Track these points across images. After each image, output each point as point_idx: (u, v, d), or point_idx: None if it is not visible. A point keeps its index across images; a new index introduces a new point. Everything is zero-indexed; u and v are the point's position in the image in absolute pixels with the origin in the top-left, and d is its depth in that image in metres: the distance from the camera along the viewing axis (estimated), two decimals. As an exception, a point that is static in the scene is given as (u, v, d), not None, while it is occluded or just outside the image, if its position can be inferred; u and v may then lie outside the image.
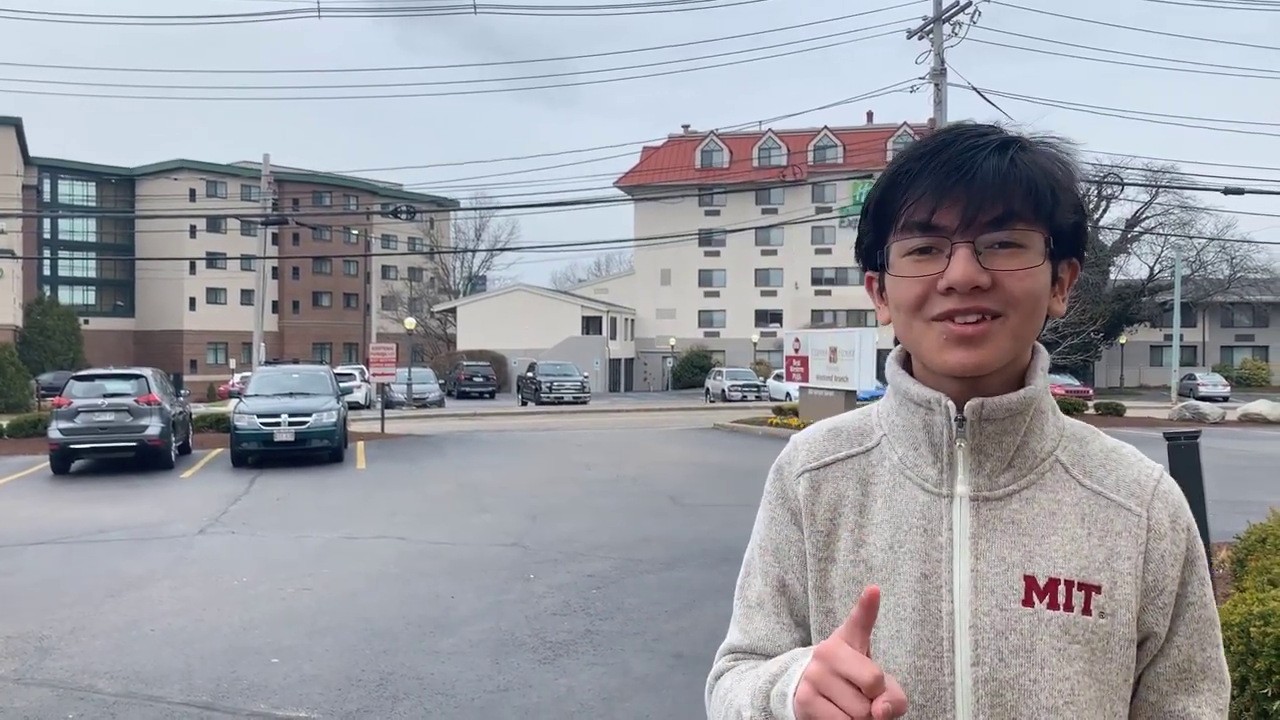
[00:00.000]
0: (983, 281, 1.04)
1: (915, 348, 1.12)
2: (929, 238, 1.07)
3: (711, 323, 67.26)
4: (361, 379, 38.29)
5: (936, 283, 1.06)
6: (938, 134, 1.11)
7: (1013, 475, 1.12)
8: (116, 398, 17.07)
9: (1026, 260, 1.06)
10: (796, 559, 1.20)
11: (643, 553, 9.43)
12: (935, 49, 23.27)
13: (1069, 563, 1.09)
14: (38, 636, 6.76)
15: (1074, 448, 1.15)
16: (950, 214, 1.05)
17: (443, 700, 5.44)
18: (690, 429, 26.53)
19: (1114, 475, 1.14)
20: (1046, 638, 1.07)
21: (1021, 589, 1.08)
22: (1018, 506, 1.11)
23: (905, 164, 1.09)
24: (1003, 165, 1.05)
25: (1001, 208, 1.05)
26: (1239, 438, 23.15)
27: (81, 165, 77.35)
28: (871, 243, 1.15)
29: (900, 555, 1.12)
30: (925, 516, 1.12)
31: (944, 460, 1.12)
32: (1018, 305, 1.06)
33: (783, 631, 1.20)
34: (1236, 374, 58.88)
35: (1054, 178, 1.08)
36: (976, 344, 1.06)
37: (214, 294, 77.30)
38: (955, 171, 1.05)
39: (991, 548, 1.10)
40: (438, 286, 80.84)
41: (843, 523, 1.17)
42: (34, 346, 55.15)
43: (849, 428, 1.23)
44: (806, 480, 1.20)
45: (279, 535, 10.72)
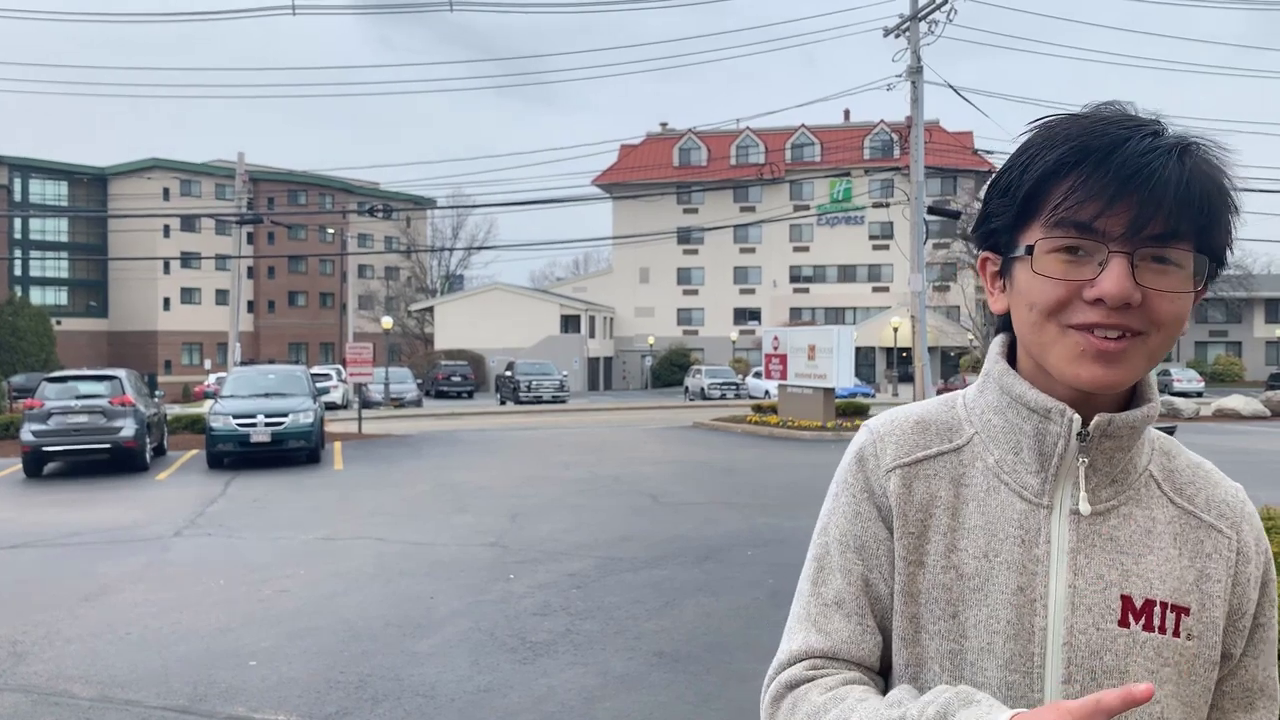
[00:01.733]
0: (1135, 298, 0.98)
1: (1041, 351, 1.05)
2: (1085, 240, 0.99)
3: (690, 321, 67.31)
4: (338, 379, 38.09)
5: (1083, 290, 0.99)
6: (1105, 122, 1.02)
7: (1114, 490, 1.09)
8: (90, 399, 16.90)
9: (1180, 282, 1.00)
10: (885, 559, 1.12)
11: (623, 551, 9.42)
12: (912, 47, 23.36)
13: (1164, 584, 1.06)
14: (11, 641, 6.68)
15: (1163, 462, 1.13)
16: (1117, 221, 0.98)
17: (422, 701, 5.40)
18: (670, 427, 26.54)
19: (1204, 494, 1.12)
20: (1140, 660, 1.04)
21: (1118, 608, 1.05)
22: (1116, 523, 1.08)
23: (1071, 154, 1.00)
24: (1182, 177, 0.98)
25: (1170, 223, 0.98)
26: (1213, 432, 23.40)
27: (53, 164, 76.52)
28: (1004, 225, 1.07)
29: (995, 564, 1.07)
30: (1023, 527, 1.08)
31: (1050, 470, 1.07)
32: (1161, 326, 1.00)
33: (866, 635, 1.12)
34: (1210, 370, 59.45)
35: (1226, 195, 1.02)
36: (1115, 362, 1.00)
37: (188, 294, 76.70)
38: (1133, 177, 0.97)
39: (1090, 564, 1.06)
40: (415, 285, 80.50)
41: (934, 525, 1.11)
42: (5, 348, 54.53)
43: (937, 421, 1.16)
44: (898, 477, 1.13)
45: (256, 537, 10.63)
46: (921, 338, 23.63)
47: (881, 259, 62.43)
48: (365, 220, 76.75)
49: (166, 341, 75.36)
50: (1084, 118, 1.03)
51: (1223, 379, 58.52)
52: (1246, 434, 23.52)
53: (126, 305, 77.00)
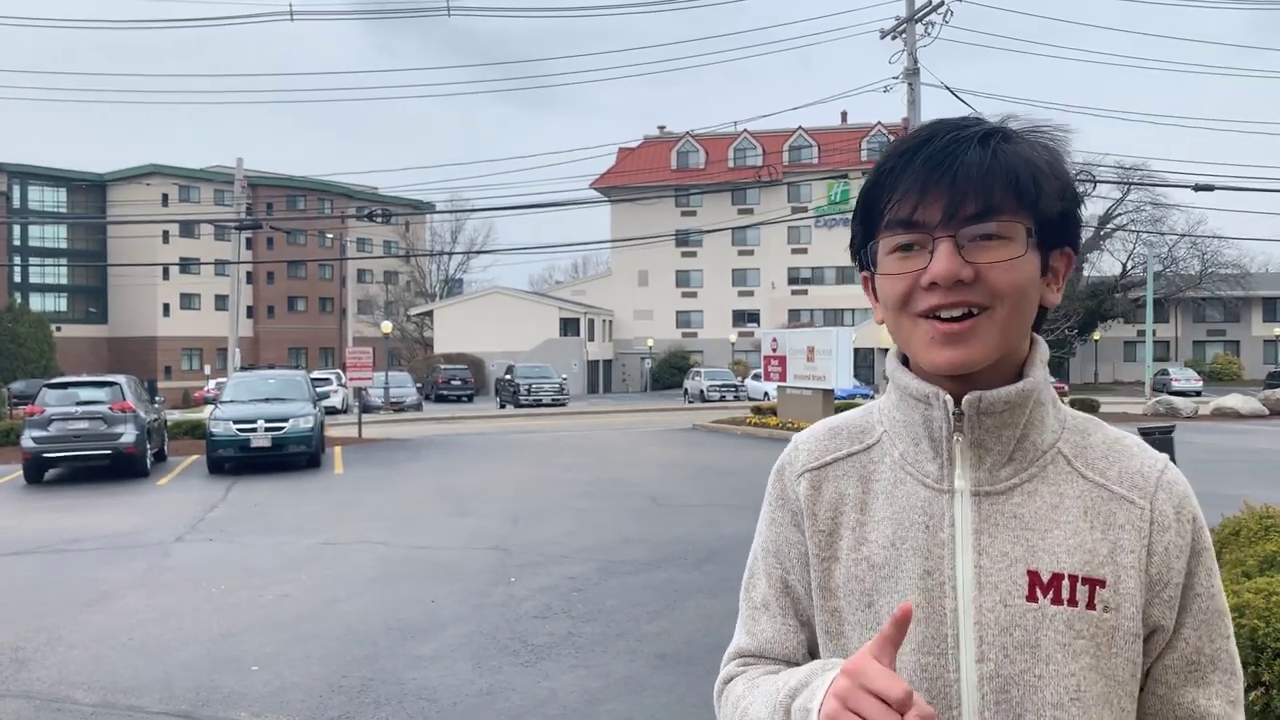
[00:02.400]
0: (965, 275, 1.04)
1: (906, 345, 1.12)
2: (912, 234, 1.07)
3: (689, 323, 67.31)
4: (338, 383, 38.12)
5: (920, 278, 1.06)
6: (920, 130, 1.10)
7: (1014, 469, 1.11)
8: (90, 405, 16.90)
9: (1010, 252, 1.05)
10: (797, 560, 1.20)
11: (624, 554, 9.43)
12: (908, 49, 23.39)
13: (1072, 557, 1.08)
14: (13, 648, 6.69)
15: (1076, 439, 1.14)
16: (932, 209, 1.05)
17: (424, 705, 5.42)
18: (670, 429, 26.55)
19: (1116, 467, 1.12)
20: (1051, 633, 1.06)
21: (1025, 584, 1.07)
22: (1020, 500, 1.10)
23: (888, 162, 1.09)
24: (985, 157, 1.04)
25: (983, 201, 1.04)
26: (1212, 432, 23.42)
27: (52, 171, 76.53)
28: (861, 242, 1.15)
29: (903, 552, 1.11)
30: (927, 512, 1.12)
31: (944, 455, 1.11)
32: (1003, 297, 1.05)
33: (789, 633, 1.20)
34: (1209, 369, 59.47)
35: (1037, 166, 1.07)
36: (963, 341, 1.05)
37: (188, 300, 76.70)
38: (937, 167, 1.05)
39: (994, 543, 1.09)
40: (414, 290, 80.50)
41: (844, 521, 1.17)
42: (5, 354, 54.54)
43: (849, 426, 1.23)
44: (807, 480, 1.20)
45: (257, 542, 10.64)
46: (920, 339, 23.59)
47: (880, 260, 62.33)
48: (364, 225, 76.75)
49: (166, 347, 75.33)
50: (911, 133, 1.12)
51: (1221, 378, 58.55)
52: (1245, 433, 23.54)
53: (126, 311, 76.98)
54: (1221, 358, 62.41)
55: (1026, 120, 1.13)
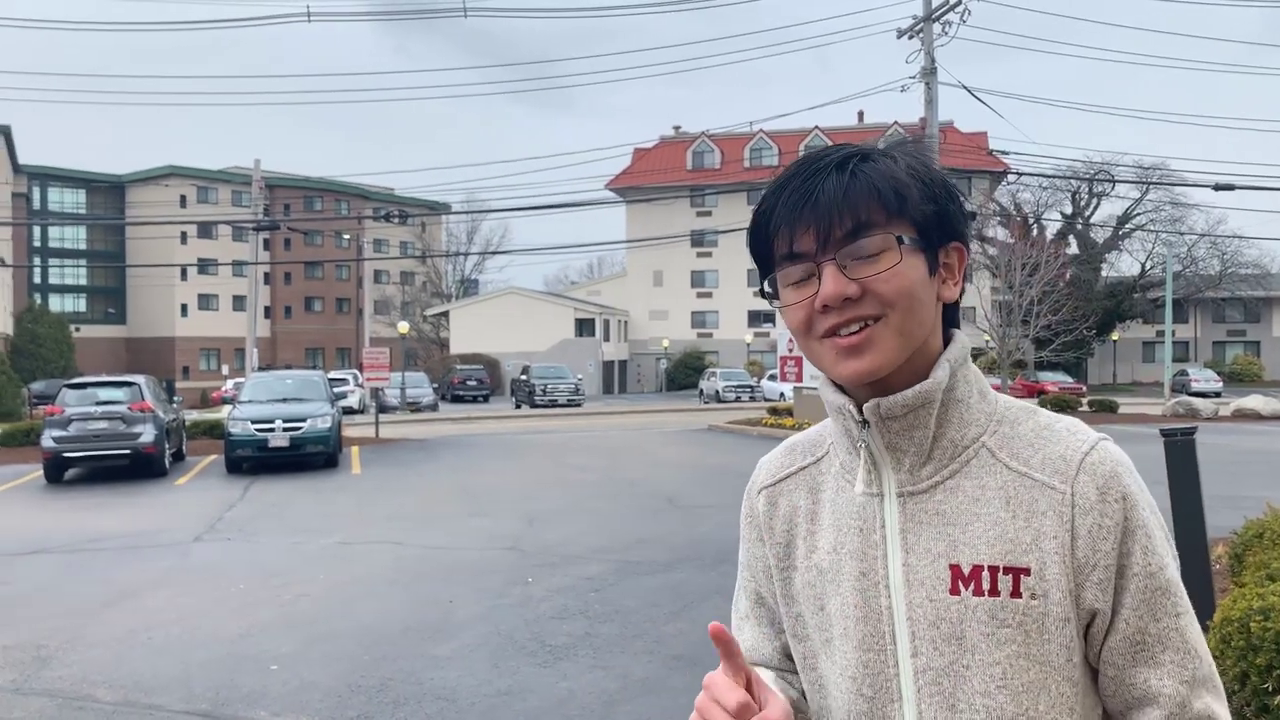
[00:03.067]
0: (851, 292, 1.09)
1: (818, 365, 1.17)
2: (799, 265, 1.12)
3: (705, 323, 67.26)
4: (355, 384, 38.26)
5: (814, 303, 1.11)
6: (787, 168, 1.16)
7: (934, 467, 1.14)
8: (109, 405, 17.02)
9: (888, 261, 1.09)
10: (763, 573, 1.28)
11: (640, 554, 9.43)
12: (925, 48, 23.31)
13: (993, 548, 1.10)
14: (35, 646, 6.74)
15: (1004, 431, 1.15)
16: (807, 239, 1.10)
17: (443, 705, 5.43)
18: (685, 430, 26.54)
19: (1040, 454, 1.12)
20: (975, 624, 1.09)
21: (948, 578, 1.10)
22: (942, 497, 1.13)
23: (762, 204, 1.15)
24: (843, 181, 1.10)
25: (851, 220, 1.09)
26: (1233, 433, 23.23)
27: (71, 172, 77.13)
28: (765, 278, 1.19)
29: (842, 555, 1.17)
30: (861, 516, 1.17)
31: (866, 461, 1.17)
32: (893, 304, 1.09)
33: (765, 640, 1.29)
34: (1229, 369, 59.01)
35: (894, 177, 1.11)
36: (862, 351, 1.10)
37: (206, 300, 77.12)
38: (802, 199, 1.10)
39: (919, 540, 1.13)
40: (430, 290, 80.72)
41: (798, 532, 1.24)
42: (25, 355, 54.97)
43: (805, 441, 1.30)
44: (764, 498, 1.29)
45: (275, 541, 10.69)
46: (937, 339, 23.52)
47: (896, 260, 62.14)
48: (381, 226, 77.14)
49: (184, 347, 75.77)
50: (780, 173, 1.16)
51: (1241, 379, 58.09)
52: (1266, 434, 23.34)
53: (144, 312, 77.48)
54: (1242, 358, 61.94)
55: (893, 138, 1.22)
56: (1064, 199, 54.06)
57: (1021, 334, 29.54)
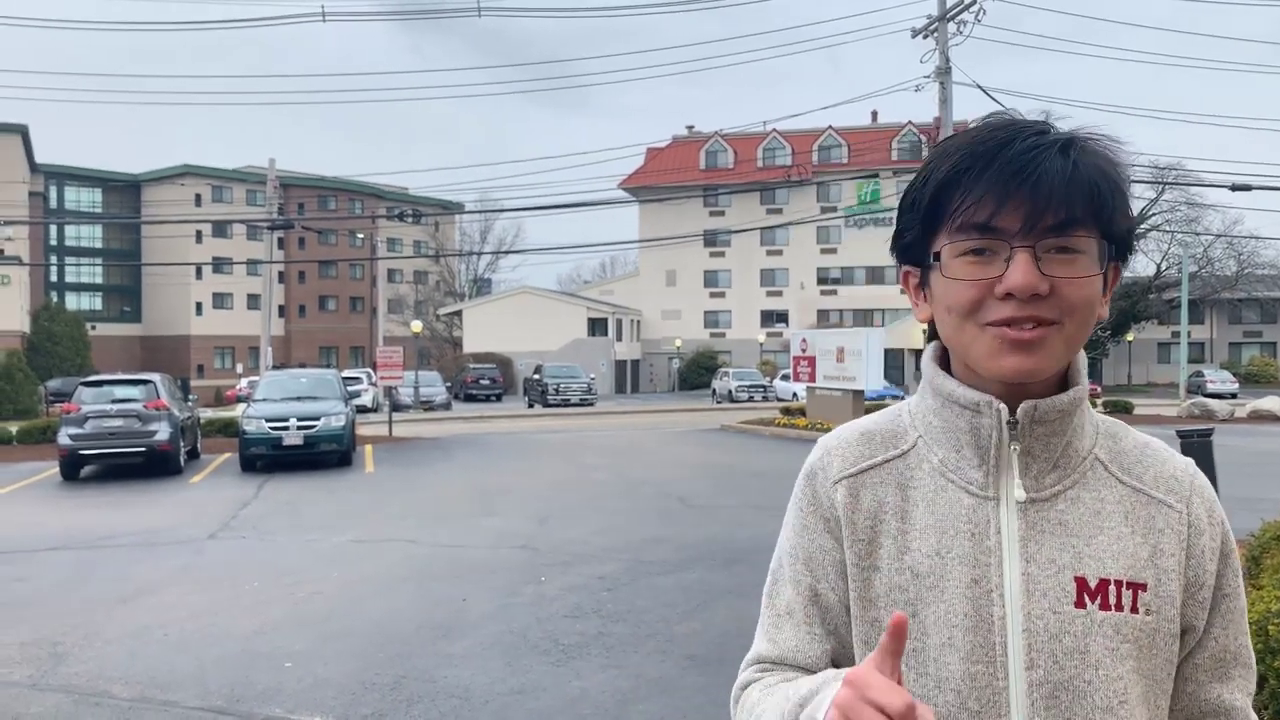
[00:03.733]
0: (1042, 289, 1.03)
1: (964, 351, 1.10)
2: (987, 240, 1.04)
3: (717, 323, 67.20)
4: (369, 382, 38.37)
5: (994, 287, 1.04)
6: (994, 128, 1.08)
7: (1058, 475, 1.12)
8: (125, 403, 17.11)
9: (1084, 267, 1.05)
10: (832, 569, 1.17)
11: (653, 554, 9.43)
12: (940, 48, 23.24)
13: (1117, 562, 1.09)
14: (51, 642, 6.78)
15: (1109, 444, 1.15)
16: (1012, 217, 1.03)
17: (457, 703, 5.44)
18: (697, 430, 26.52)
19: (1151, 471, 1.14)
20: (1100, 638, 1.07)
21: (1073, 591, 1.08)
22: (1064, 507, 1.11)
23: (962, 160, 1.06)
24: (1066, 168, 1.03)
25: (1064, 213, 1.03)
26: (1249, 434, 23.08)
27: (87, 171, 77.55)
28: (916, 239, 1.12)
29: (948, 560, 1.11)
30: (972, 520, 1.11)
31: (990, 463, 1.11)
32: (1074, 313, 1.05)
33: (812, 642, 1.18)
34: (1245, 370, 58.64)
35: (1113, 181, 1.06)
36: (1032, 350, 1.04)
37: (220, 299, 77.45)
38: (1019, 174, 1.02)
39: (1041, 550, 1.09)
40: (443, 289, 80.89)
41: (884, 530, 1.15)
42: (42, 353, 55.30)
43: (881, 431, 1.21)
44: (844, 488, 1.17)
45: (289, 539, 10.73)
46: (951, 340, 23.46)
47: (910, 260, 61.91)
48: (394, 225, 77.22)
49: (199, 346, 76.12)
50: (974, 129, 1.09)
51: (1257, 380, 57.68)
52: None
53: (159, 310, 77.86)
54: (1258, 359, 61.54)
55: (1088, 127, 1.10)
56: (1079, 199, 53.79)
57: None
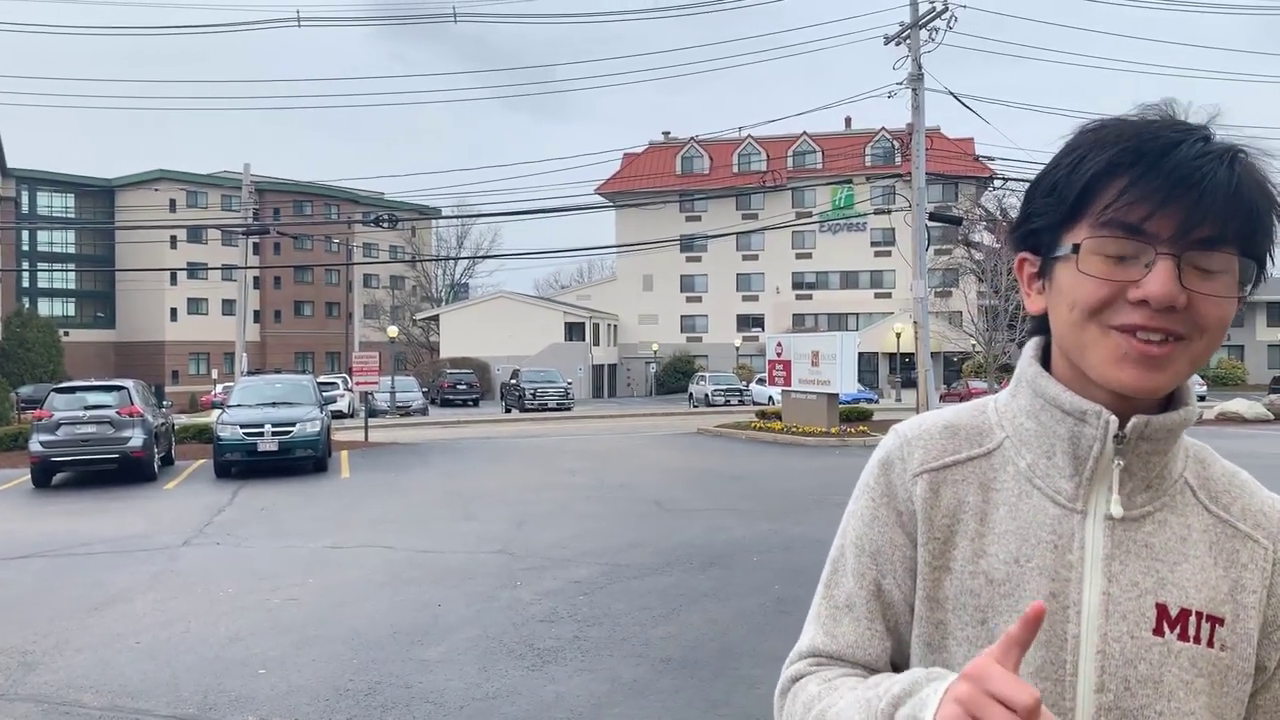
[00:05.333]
0: (1180, 301, 0.96)
1: (1080, 353, 1.03)
2: (1133, 240, 0.98)
3: (694, 328, 67.32)
4: (345, 388, 38.19)
5: (1128, 290, 0.98)
6: (1157, 127, 1.01)
7: (1149, 496, 1.07)
8: (98, 410, 16.96)
9: (1226, 287, 0.98)
10: (900, 564, 1.12)
11: (629, 558, 9.45)
12: (912, 55, 23.43)
13: (1199, 593, 1.04)
14: (21, 651, 6.72)
15: (1198, 469, 1.11)
16: (1166, 223, 0.97)
17: (431, 709, 5.44)
18: (674, 434, 26.55)
19: (1240, 503, 1.10)
20: (1175, 669, 1.02)
21: (1153, 617, 1.03)
22: (1151, 529, 1.06)
23: (1124, 156, 0.99)
24: (1231, 182, 0.97)
25: (1219, 228, 0.97)
26: (1217, 436, 23.35)
27: (60, 176, 76.80)
28: (1046, 225, 1.05)
29: (1026, 570, 1.05)
30: (1055, 532, 1.06)
31: (1084, 475, 1.06)
32: (1205, 331, 0.99)
33: (873, 639, 1.12)
34: (1213, 373, 59.25)
35: (1272, 202, 1.01)
36: (1157, 366, 0.99)
37: (195, 304, 76.86)
38: (1184, 180, 0.96)
39: (1125, 571, 1.04)
40: (420, 294, 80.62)
41: (961, 530, 1.09)
42: (13, 359, 54.64)
43: (966, 426, 1.14)
44: (925, 482, 1.11)
45: (264, 545, 10.68)
46: (924, 343, 23.68)
47: (884, 265, 62.36)
48: (371, 230, 76.87)
49: (173, 352, 75.50)
50: (1134, 121, 1.02)
51: (1225, 382, 58.35)
52: (1250, 437, 23.47)
53: (134, 316, 77.17)
54: (1226, 362, 62.22)
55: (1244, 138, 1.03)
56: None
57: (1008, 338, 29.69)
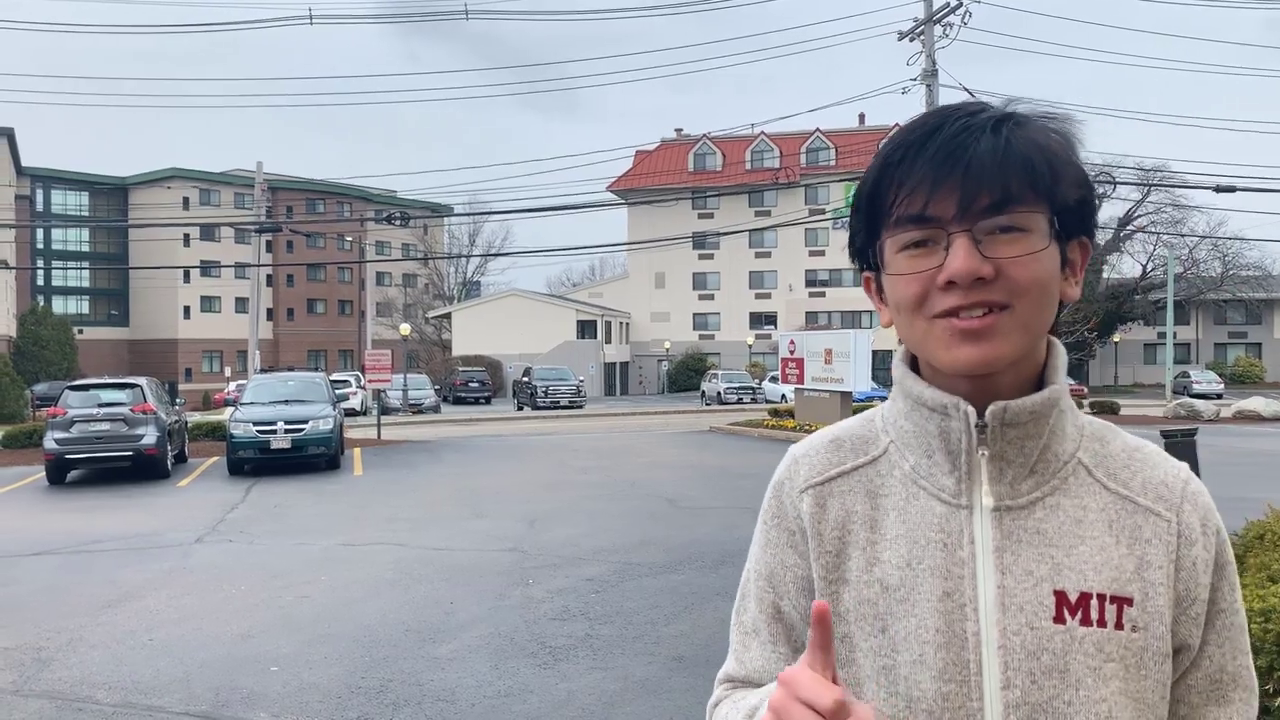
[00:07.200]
0: (985, 272, 0.97)
1: (921, 348, 1.04)
2: (924, 230, 0.99)
3: (706, 325, 67.27)
4: (357, 385, 38.27)
5: (936, 278, 0.99)
6: (926, 117, 1.03)
7: (1035, 481, 1.04)
8: (112, 407, 17.03)
9: (1030, 245, 0.98)
10: (793, 585, 1.12)
11: (641, 556, 9.43)
12: (926, 50, 23.33)
13: (1100, 574, 1.01)
14: (36, 647, 6.74)
15: (1095, 448, 1.08)
16: (946, 203, 0.98)
17: (443, 707, 5.43)
18: (686, 432, 26.53)
19: (1140, 477, 1.06)
20: (1081, 656, 1.00)
21: (1052, 605, 1.01)
22: (1042, 515, 1.04)
23: (894, 153, 1.02)
24: (998, 145, 0.97)
25: (999, 191, 0.97)
26: (1234, 435, 23.21)
27: (74, 175, 77.17)
28: (865, 241, 1.07)
29: (919, 572, 1.04)
30: (944, 530, 1.04)
31: (962, 469, 1.04)
32: (1025, 294, 0.98)
33: (778, 661, 1.13)
34: (1230, 371, 58.98)
35: (1052, 152, 1.00)
36: (985, 338, 0.98)
37: (208, 302, 77.17)
38: (949, 157, 0.97)
39: (1017, 561, 1.02)
40: (432, 292, 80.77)
41: (853, 541, 1.08)
42: (28, 357, 55.01)
43: (851, 436, 1.14)
44: (810, 498, 1.12)
45: (276, 543, 10.70)
46: (939, 341, 23.53)
47: (898, 262, 62.09)
48: (383, 228, 77.11)
49: (187, 349, 75.81)
50: (908, 122, 1.04)
51: (1243, 381, 58.04)
52: (1268, 436, 23.32)
53: (147, 314, 77.52)
54: (1243, 360, 61.88)
55: (1034, 106, 1.05)
56: (1065, 201, 53.94)
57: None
